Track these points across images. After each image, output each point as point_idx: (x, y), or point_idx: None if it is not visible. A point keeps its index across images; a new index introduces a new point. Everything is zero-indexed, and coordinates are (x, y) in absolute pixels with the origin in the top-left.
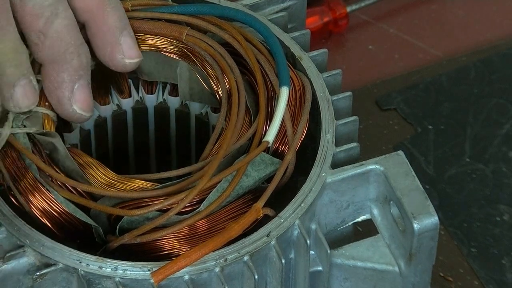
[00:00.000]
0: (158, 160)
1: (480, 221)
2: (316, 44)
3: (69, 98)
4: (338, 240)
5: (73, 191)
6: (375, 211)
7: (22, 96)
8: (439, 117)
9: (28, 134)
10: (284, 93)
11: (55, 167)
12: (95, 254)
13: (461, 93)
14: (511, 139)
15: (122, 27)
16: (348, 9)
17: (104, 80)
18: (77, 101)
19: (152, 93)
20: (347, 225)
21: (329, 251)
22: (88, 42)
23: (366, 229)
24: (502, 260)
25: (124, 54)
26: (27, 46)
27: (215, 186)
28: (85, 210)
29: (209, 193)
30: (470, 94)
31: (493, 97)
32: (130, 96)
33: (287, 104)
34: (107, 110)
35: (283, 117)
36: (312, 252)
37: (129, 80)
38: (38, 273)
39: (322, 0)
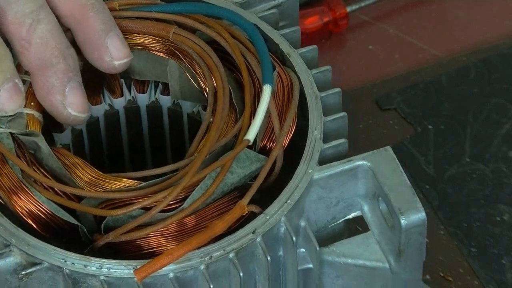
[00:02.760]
0: (153, 159)
1: (480, 221)
2: (316, 44)
3: (62, 102)
4: (330, 237)
5: (58, 191)
6: (365, 208)
7: (8, 99)
8: (439, 117)
9: (12, 134)
10: (266, 91)
11: (39, 167)
12: (82, 253)
13: (461, 93)
14: (511, 139)
15: (108, 29)
16: (348, 9)
17: (95, 80)
18: (70, 104)
19: (144, 93)
20: (338, 222)
21: (318, 248)
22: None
23: (366, 229)
24: (502, 260)
25: (112, 56)
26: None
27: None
28: (71, 209)
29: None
30: (470, 94)
31: (493, 97)
32: (122, 95)
33: (274, 101)
34: (99, 110)
35: (268, 114)
36: (302, 249)
37: (121, 79)
38: (23, 272)
39: (322, 0)
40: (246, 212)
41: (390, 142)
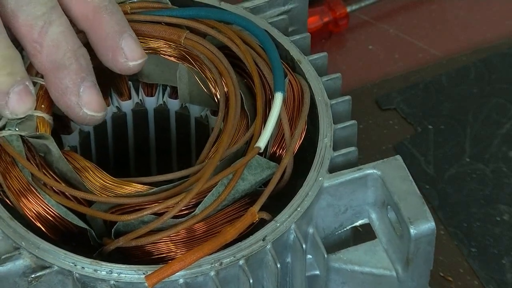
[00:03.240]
0: (158, 162)
1: (480, 221)
2: (316, 44)
3: (77, 102)
4: (337, 244)
5: (68, 195)
6: (373, 216)
7: (18, 102)
8: (439, 117)
9: (22, 137)
10: (278, 99)
11: (49, 170)
12: (91, 257)
13: (461, 93)
14: (511, 139)
15: (121, 31)
16: (348, 9)
17: (103, 82)
18: (86, 104)
19: (152, 96)
20: (345, 229)
21: (326, 255)
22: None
23: (368, 230)
24: (502, 260)
25: (127, 57)
26: (22, 56)
27: (211, 190)
28: (81, 212)
29: (205, 197)
30: (470, 94)
31: (493, 97)
32: (130, 98)
33: (285, 108)
34: (107, 112)
35: (279, 121)
36: (309, 256)
37: (129, 82)
38: (33, 275)
39: (322, 0)
40: (257, 219)
41: (390, 142)
